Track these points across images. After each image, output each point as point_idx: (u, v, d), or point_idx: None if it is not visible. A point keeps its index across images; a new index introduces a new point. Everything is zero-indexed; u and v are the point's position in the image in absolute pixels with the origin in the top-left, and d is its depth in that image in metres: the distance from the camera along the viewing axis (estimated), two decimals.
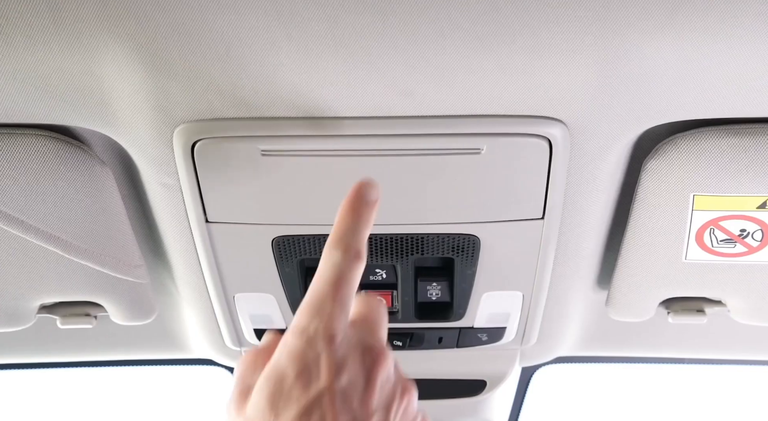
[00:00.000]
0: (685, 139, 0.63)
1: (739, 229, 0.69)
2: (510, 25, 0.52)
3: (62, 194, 0.65)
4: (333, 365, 0.41)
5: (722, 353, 1.01)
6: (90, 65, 0.55)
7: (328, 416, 0.40)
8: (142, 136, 0.61)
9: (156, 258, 0.80)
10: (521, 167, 0.63)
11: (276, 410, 0.40)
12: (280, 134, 0.59)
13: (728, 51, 0.54)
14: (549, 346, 0.95)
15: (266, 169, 0.63)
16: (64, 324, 0.85)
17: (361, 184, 0.47)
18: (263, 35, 0.52)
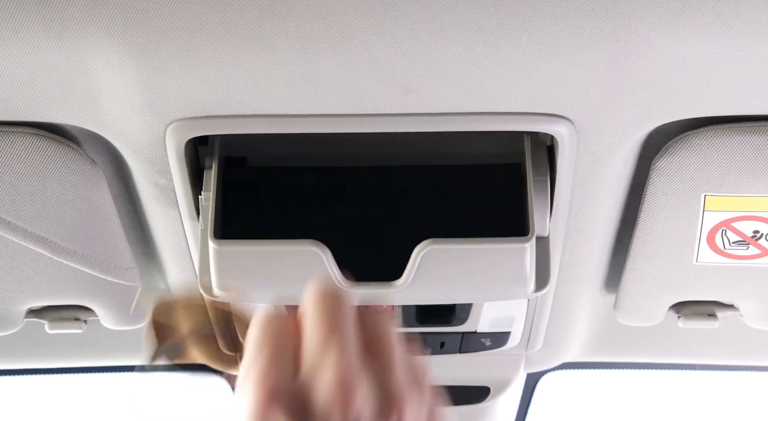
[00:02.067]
0: (696, 137, 0.63)
1: (753, 230, 0.69)
2: (514, 19, 0.52)
3: (51, 194, 0.65)
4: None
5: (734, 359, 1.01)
6: (79, 62, 0.54)
7: None
8: (133, 135, 0.61)
9: (148, 260, 0.80)
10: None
11: None
12: (275, 132, 0.59)
13: (741, 45, 0.53)
14: (555, 351, 0.95)
15: None
16: (52, 329, 0.84)
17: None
18: (258, 31, 0.52)
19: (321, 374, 0.39)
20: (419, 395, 0.42)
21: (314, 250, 0.60)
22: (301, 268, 0.60)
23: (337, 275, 0.60)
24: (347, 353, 0.40)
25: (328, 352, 0.40)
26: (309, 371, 0.40)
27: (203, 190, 0.64)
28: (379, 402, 0.40)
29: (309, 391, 0.39)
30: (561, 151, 0.61)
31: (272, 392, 0.39)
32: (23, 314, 0.81)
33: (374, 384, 0.40)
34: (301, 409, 0.39)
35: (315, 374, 0.40)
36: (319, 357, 0.40)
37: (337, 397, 0.39)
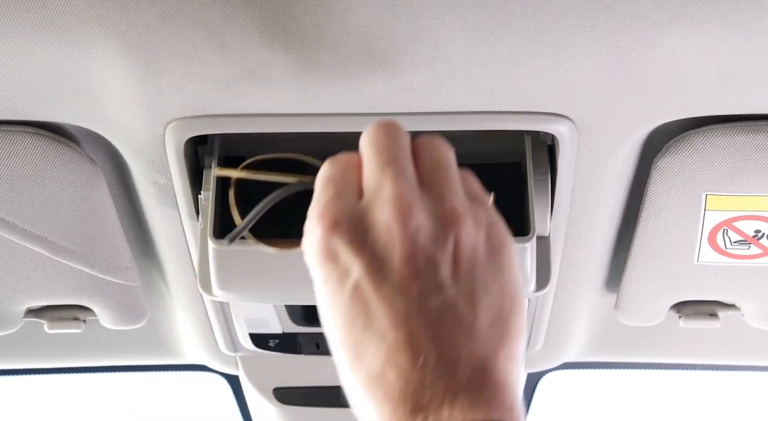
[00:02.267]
0: (697, 136, 0.63)
1: (754, 230, 0.69)
2: (514, 18, 0.52)
3: (50, 194, 0.65)
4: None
5: (736, 359, 1.01)
6: (79, 60, 0.54)
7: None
8: (132, 134, 0.61)
9: (147, 260, 0.80)
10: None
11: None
12: (275, 131, 0.59)
13: (744, 44, 0.53)
14: (555, 351, 0.95)
15: None
16: (51, 328, 0.84)
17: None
18: (258, 29, 0.52)
19: (379, 197, 0.42)
20: (476, 214, 0.44)
21: None
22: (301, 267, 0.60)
23: None
24: (403, 177, 0.42)
25: (385, 178, 0.42)
26: (369, 197, 0.43)
27: (203, 189, 0.64)
28: (437, 220, 0.42)
29: (369, 214, 0.42)
30: (562, 151, 0.61)
31: (334, 221, 0.42)
32: (22, 314, 0.81)
33: (432, 205, 0.42)
34: (363, 232, 0.41)
35: (374, 198, 0.42)
36: (377, 184, 0.42)
37: (394, 214, 0.41)
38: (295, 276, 0.61)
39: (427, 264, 0.41)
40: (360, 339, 0.41)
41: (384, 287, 0.41)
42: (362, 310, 0.41)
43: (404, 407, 0.39)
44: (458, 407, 0.39)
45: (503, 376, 0.41)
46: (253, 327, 0.84)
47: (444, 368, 0.40)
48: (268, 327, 0.84)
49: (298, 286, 0.62)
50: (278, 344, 0.86)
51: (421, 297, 0.41)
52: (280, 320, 0.82)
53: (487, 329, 0.41)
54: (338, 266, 0.42)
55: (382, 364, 0.40)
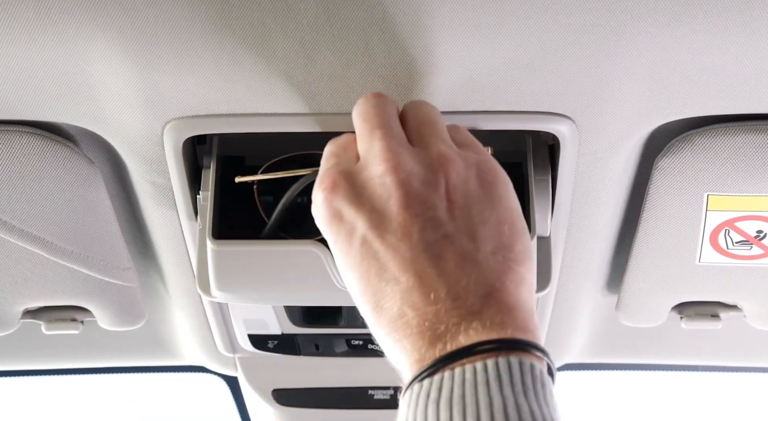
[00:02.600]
0: (699, 136, 0.63)
1: (756, 230, 0.69)
2: (515, 17, 0.52)
3: (48, 194, 0.65)
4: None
5: (738, 360, 1.00)
6: (76, 59, 0.54)
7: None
8: (131, 134, 0.61)
9: (146, 260, 0.80)
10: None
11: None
12: (274, 131, 0.59)
13: (746, 43, 0.53)
14: (556, 352, 0.95)
15: None
16: (49, 330, 0.84)
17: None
18: (257, 28, 0.52)
19: (371, 155, 0.46)
20: (464, 155, 0.48)
21: (314, 250, 0.60)
22: (300, 268, 0.60)
23: (336, 276, 0.60)
24: (390, 135, 0.47)
25: (374, 138, 0.47)
26: (362, 158, 0.47)
27: (201, 189, 0.64)
28: (427, 166, 0.46)
29: (364, 171, 0.46)
30: (562, 150, 0.61)
31: (332, 183, 0.46)
32: (19, 315, 0.81)
33: (421, 154, 0.47)
34: (360, 189, 0.46)
35: (366, 157, 0.47)
36: (368, 145, 0.47)
37: (385, 166, 0.45)
38: (294, 277, 0.61)
39: (423, 206, 0.45)
40: (377, 288, 0.44)
41: (388, 236, 0.44)
42: (373, 261, 0.45)
43: (424, 340, 0.42)
44: (473, 332, 0.42)
45: (514, 299, 0.44)
46: (252, 328, 0.84)
47: (455, 299, 0.43)
48: (267, 328, 0.84)
49: (297, 287, 0.62)
50: (277, 345, 0.86)
51: (421, 238, 0.44)
52: (279, 321, 0.82)
53: (490, 258, 0.44)
54: (344, 225, 0.46)
55: (399, 306, 0.43)
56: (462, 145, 0.50)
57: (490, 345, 0.41)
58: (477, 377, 0.40)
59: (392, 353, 0.45)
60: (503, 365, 0.40)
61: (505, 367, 0.40)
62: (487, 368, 0.40)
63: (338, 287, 0.60)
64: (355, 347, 0.85)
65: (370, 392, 0.93)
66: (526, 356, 0.41)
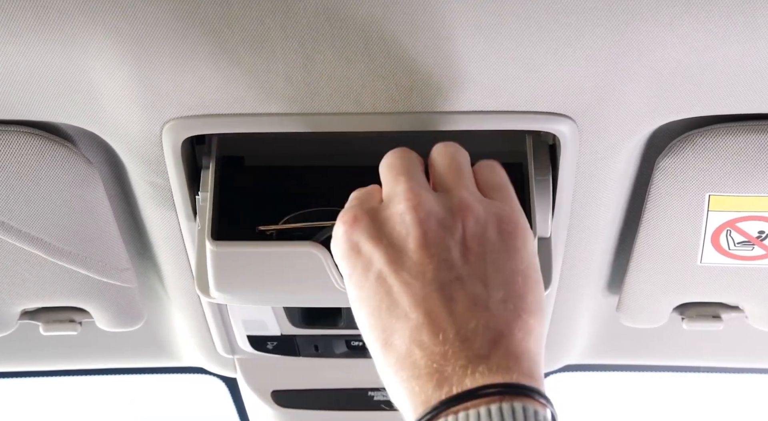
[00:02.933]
0: (700, 136, 0.63)
1: (758, 231, 0.69)
2: (515, 16, 0.52)
3: (45, 194, 0.65)
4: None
5: (739, 361, 1.01)
6: (74, 59, 0.54)
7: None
8: (129, 134, 0.60)
9: (144, 261, 0.80)
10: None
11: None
12: (273, 131, 0.59)
13: (748, 42, 0.53)
14: (557, 353, 0.95)
15: None
16: (47, 331, 0.84)
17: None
18: (256, 27, 0.52)
19: (394, 195, 0.48)
20: (486, 202, 0.49)
21: (313, 252, 0.60)
22: (300, 270, 0.60)
23: (336, 277, 0.60)
24: (415, 180, 0.49)
25: (398, 182, 0.49)
26: (386, 199, 0.49)
27: (200, 190, 0.64)
28: (447, 210, 0.47)
29: (386, 209, 0.48)
30: (563, 151, 0.61)
31: (353, 217, 0.48)
32: (17, 316, 0.81)
33: (443, 199, 0.48)
34: (380, 225, 0.48)
35: (390, 198, 0.49)
36: (392, 188, 0.49)
37: (406, 204, 0.47)
38: (293, 278, 0.61)
39: (439, 247, 0.46)
40: (387, 324, 0.45)
41: (403, 272, 0.45)
42: (386, 295, 0.46)
43: (431, 383, 0.43)
44: (479, 375, 0.42)
45: (522, 347, 0.44)
46: (251, 329, 0.84)
47: (463, 341, 0.43)
48: (267, 329, 0.84)
49: (297, 288, 0.62)
50: (276, 347, 0.86)
51: (435, 278, 0.45)
52: (278, 322, 0.82)
53: (500, 305, 0.45)
54: (361, 258, 0.47)
55: (408, 345, 0.44)
56: (489, 188, 0.51)
57: (494, 389, 0.42)
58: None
59: (397, 393, 0.45)
60: (507, 411, 0.41)
61: (509, 412, 0.41)
62: (491, 414, 0.41)
63: (338, 289, 0.60)
64: (354, 348, 0.85)
65: (370, 394, 0.93)
66: (530, 403, 0.42)
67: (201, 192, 0.64)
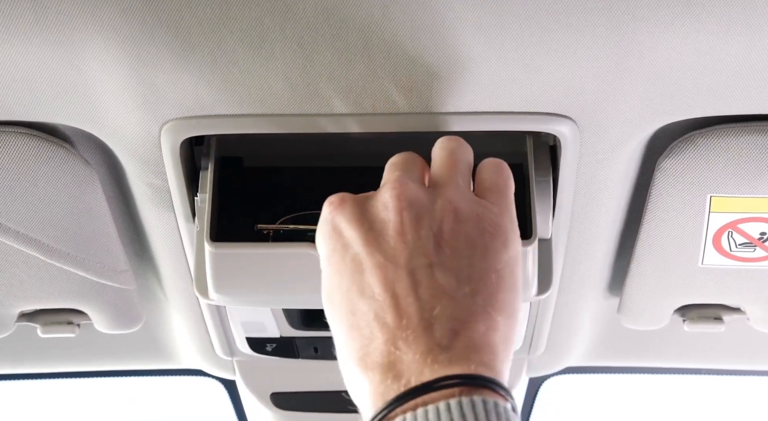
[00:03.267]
0: (702, 136, 0.63)
1: (759, 232, 0.69)
2: (515, 17, 0.52)
3: (43, 195, 0.65)
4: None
5: (741, 363, 1.00)
6: (73, 59, 0.54)
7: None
8: (127, 134, 0.60)
9: (143, 262, 0.80)
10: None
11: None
12: (273, 132, 0.59)
13: (749, 42, 0.53)
14: (558, 355, 0.95)
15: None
16: (45, 333, 0.84)
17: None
18: (255, 28, 0.52)
19: (383, 185, 0.50)
20: (471, 204, 0.49)
21: (313, 253, 0.60)
22: (299, 271, 0.60)
23: None
24: (407, 174, 0.50)
25: (392, 174, 0.50)
26: (379, 188, 0.50)
27: (199, 191, 0.64)
28: (431, 201, 0.48)
29: (374, 197, 0.49)
30: (564, 152, 0.61)
31: (339, 201, 0.49)
32: (15, 318, 0.81)
33: (431, 193, 0.49)
34: (364, 210, 0.48)
35: (380, 188, 0.50)
36: (385, 180, 0.51)
37: (391, 193, 0.48)
38: (292, 279, 0.61)
39: (415, 235, 0.47)
40: (355, 306, 0.46)
41: (377, 255, 0.46)
42: (359, 277, 0.47)
43: (391, 373, 0.43)
44: (438, 366, 0.42)
45: (485, 341, 0.44)
46: (250, 331, 0.84)
47: (425, 328, 0.44)
48: (266, 331, 0.83)
49: (296, 289, 0.61)
50: (276, 349, 0.86)
51: (407, 263, 0.46)
52: (277, 324, 0.82)
53: (468, 297, 0.46)
54: (341, 240, 0.48)
55: (372, 327, 0.45)
56: (487, 188, 0.51)
57: (453, 380, 0.42)
58: (441, 419, 0.40)
59: (356, 383, 0.45)
60: (467, 405, 0.41)
61: (468, 407, 0.41)
62: (450, 409, 0.40)
63: None
64: None
65: None
66: (489, 395, 0.42)
67: (200, 193, 0.64)
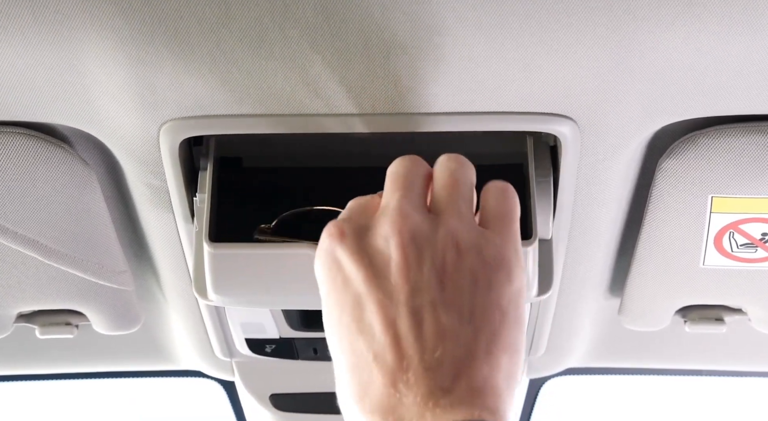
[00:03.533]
0: (703, 137, 0.63)
1: (761, 233, 0.69)
2: (515, 16, 0.52)
3: (42, 196, 0.65)
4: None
5: (742, 365, 1.00)
6: (71, 59, 0.54)
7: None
8: (126, 135, 0.60)
9: (141, 263, 0.80)
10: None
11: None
12: (272, 132, 0.59)
13: (751, 42, 0.53)
14: (558, 357, 0.95)
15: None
16: (43, 334, 0.84)
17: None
18: (254, 27, 0.52)
19: (384, 213, 0.48)
20: (473, 235, 0.48)
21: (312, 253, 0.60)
22: (299, 271, 0.60)
23: None
24: (408, 198, 0.48)
25: (393, 197, 0.48)
26: (378, 214, 0.49)
27: (198, 191, 0.64)
28: (432, 236, 0.47)
29: (374, 227, 0.48)
30: (564, 152, 0.61)
31: (339, 232, 0.48)
32: (13, 319, 0.81)
33: (432, 222, 0.47)
34: (366, 243, 0.47)
35: (381, 215, 0.48)
36: (386, 203, 0.49)
37: (393, 227, 0.47)
38: (292, 280, 0.61)
39: (417, 273, 0.46)
40: (356, 345, 0.45)
41: (378, 292, 0.45)
42: (359, 313, 0.45)
43: (391, 417, 0.42)
44: (440, 410, 0.41)
45: (488, 383, 0.43)
46: (250, 332, 0.84)
47: (426, 369, 0.43)
48: (265, 332, 0.83)
49: (296, 290, 0.61)
50: (275, 350, 0.86)
51: (407, 301, 0.45)
52: (276, 324, 0.82)
53: (470, 337, 0.44)
54: (341, 274, 0.47)
55: (372, 367, 0.44)
56: (491, 215, 0.50)
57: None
58: None
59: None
60: None
61: None
62: None
63: None
64: None
65: None
66: None
67: (198, 193, 0.64)
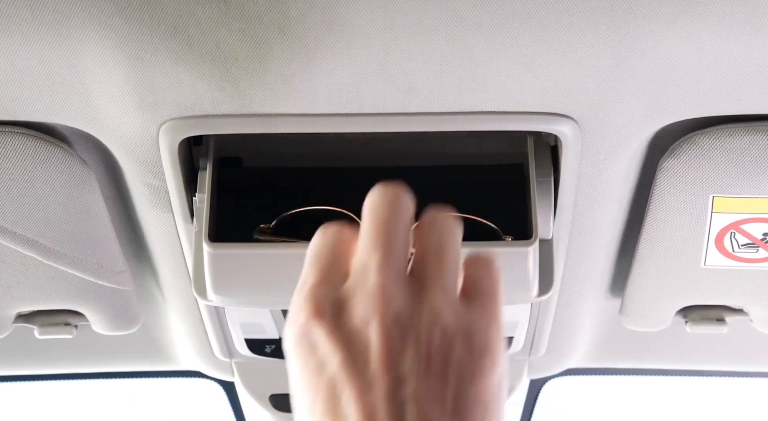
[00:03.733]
0: (704, 136, 0.63)
1: (762, 233, 0.69)
2: (516, 16, 0.52)
3: (41, 196, 0.65)
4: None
5: (744, 365, 1.01)
6: (71, 59, 0.54)
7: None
8: (126, 134, 0.60)
9: (141, 263, 0.80)
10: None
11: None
12: (272, 132, 0.59)
13: (752, 41, 0.53)
14: (559, 357, 0.95)
15: None
16: (42, 334, 0.84)
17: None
18: (255, 27, 0.52)
19: (363, 286, 0.43)
20: (459, 316, 0.44)
21: None
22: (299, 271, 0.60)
23: None
24: (388, 267, 0.43)
25: (372, 261, 0.43)
26: (353, 281, 0.44)
27: (198, 191, 0.64)
28: (415, 317, 0.43)
29: (351, 303, 0.43)
30: (565, 152, 0.61)
31: (316, 309, 0.43)
32: (12, 319, 0.81)
33: (415, 298, 0.43)
34: (343, 323, 0.43)
35: (357, 286, 0.43)
36: (363, 267, 0.43)
37: (373, 309, 0.42)
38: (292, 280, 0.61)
39: (399, 362, 0.42)
40: None
41: (357, 380, 0.42)
42: (333, 403, 0.42)
43: None
44: None
45: None
46: (249, 332, 0.84)
47: None
48: (265, 332, 0.83)
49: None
50: (275, 350, 0.86)
51: (387, 394, 0.41)
52: (276, 325, 0.82)
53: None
54: (314, 356, 0.43)
55: None
56: (475, 290, 0.46)
57: None
58: None
59: None
60: None
61: None
62: None
63: None
64: None
65: None
66: None
67: (198, 193, 0.64)
